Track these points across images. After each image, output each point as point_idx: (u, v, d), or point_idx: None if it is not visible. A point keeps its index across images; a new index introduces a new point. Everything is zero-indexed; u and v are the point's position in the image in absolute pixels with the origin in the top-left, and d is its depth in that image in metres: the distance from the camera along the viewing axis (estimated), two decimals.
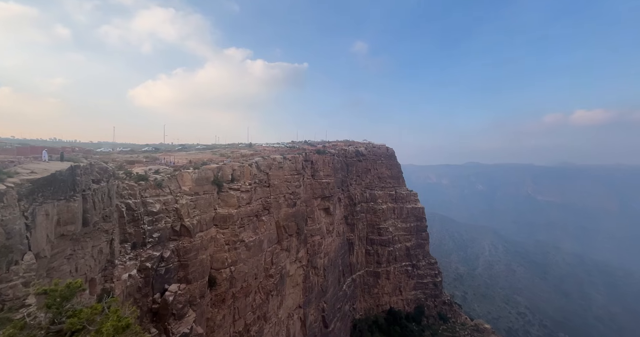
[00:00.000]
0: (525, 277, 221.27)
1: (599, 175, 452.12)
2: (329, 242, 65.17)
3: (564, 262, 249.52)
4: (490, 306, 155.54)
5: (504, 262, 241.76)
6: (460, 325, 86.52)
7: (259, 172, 41.86)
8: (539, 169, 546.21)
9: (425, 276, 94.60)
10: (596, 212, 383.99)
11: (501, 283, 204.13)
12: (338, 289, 70.65)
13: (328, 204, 65.04)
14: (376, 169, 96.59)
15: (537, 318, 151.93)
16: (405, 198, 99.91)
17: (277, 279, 43.09)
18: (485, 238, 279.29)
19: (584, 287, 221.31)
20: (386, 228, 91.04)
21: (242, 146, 70.07)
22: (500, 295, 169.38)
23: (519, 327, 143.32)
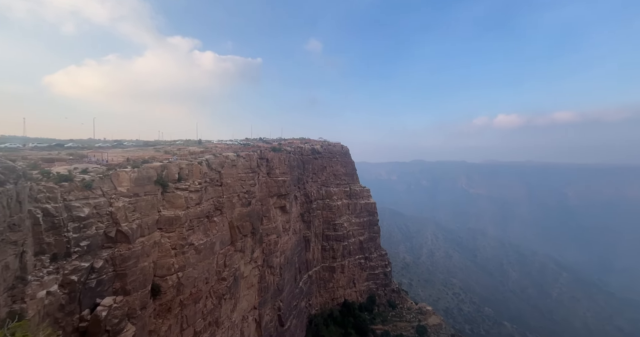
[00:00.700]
0: (459, 261, 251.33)
1: (514, 170, 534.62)
2: (285, 240, 64.84)
3: (489, 246, 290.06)
4: (431, 290, 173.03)
5: (443, 250, 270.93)
6: (406, 310, 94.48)
7: (210, 171, 39.44)
8: (471, 166, 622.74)
9: (377, 267, 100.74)
10: (512, 202, 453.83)
11: (440, 268, 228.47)
12: (294, 287, 70.93)
13: (284, 202, 64.55)
14: (332, 166, 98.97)
15: (468, 296, 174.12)
16: (359, 194, 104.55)
17: (231, 282, 41.39)
18: (428, 229, 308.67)
19: (503, 266, 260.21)
20: (341, 224, 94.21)
21: (192, 143, 65.19)
22: (439, 279, 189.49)
23: (454, 306, 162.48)
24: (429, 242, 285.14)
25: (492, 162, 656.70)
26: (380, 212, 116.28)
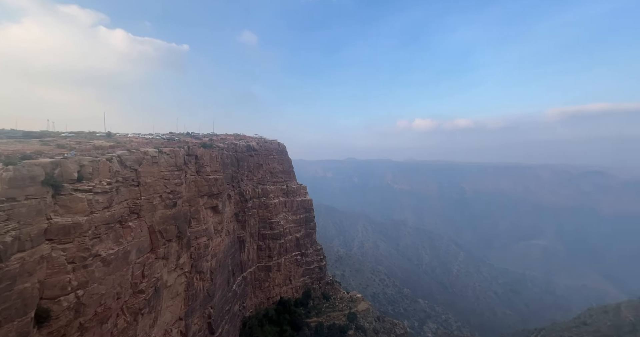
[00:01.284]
0: (385, 250, 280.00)
1: (428, 168, 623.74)
2: (217, 242, 60.78)
3: (409, 234, 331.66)
4: (361, 279, 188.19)
5: (372, 241, 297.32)
6: (339, 299, 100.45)
7: (124, 169, 33.87)
8: (395, 164, 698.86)
9: (313, 262, 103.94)
10: (427, 196, 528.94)
11: (369, 258, 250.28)
12: (227, 290, 67.33)
13: (216, 202, 60.36)
14: (268, 164, 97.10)
15: (392, 280, 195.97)
16: (295, 192, 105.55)
17: (150, 294, 36.62)
18: (359, 222, 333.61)
19: (418, 251, 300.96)
20: (278, 222, 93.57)
21: (97, 136, 54.73)
22: (368, 268, 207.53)
23: (380, 291, 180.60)
24: (360, 235, 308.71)
25: (412, 161, 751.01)
26: (317, 209, 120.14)
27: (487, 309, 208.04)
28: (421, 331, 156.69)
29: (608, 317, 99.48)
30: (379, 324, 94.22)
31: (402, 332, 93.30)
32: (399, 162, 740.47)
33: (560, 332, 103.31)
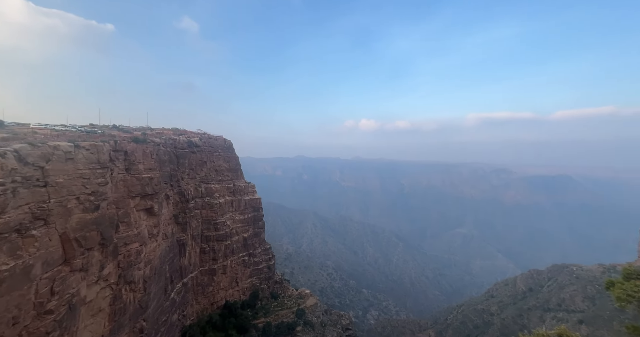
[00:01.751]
0: (333, 245, 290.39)
1: (372, 166, 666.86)
2: (152, 248, 54.95)
3: (355, 229, 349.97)
4: (310, 275, 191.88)
5: (321, 237, 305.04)
6: (288, 297, 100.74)
7: (24, 166, 28.05)
8: (343, 162, 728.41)
9: (261, 262, 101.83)
10: (371, 192, 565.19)
11: (318, 254, 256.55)
12: (164, 300, 61.53)
13: (151, 203, 54.41)
14: (213, 161, 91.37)
15: (339, 274, 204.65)
16: (243, 190, 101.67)
17: (63, 313, 31.30)
18: (309, 219, 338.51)
19: (363, 244, 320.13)
20: (224, 222, 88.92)
21: None
22: (317, 264, 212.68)
23: (328, 285, 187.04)
24: (309, 232, 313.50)
25: (358, 159, 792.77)
26: (265, 207, 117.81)
27: (420, 292, 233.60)
28: (365, 319, 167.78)
29: (508, 288, 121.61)
30: (326, 317, 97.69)
31: (348, 322, 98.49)
32: (347, 160, 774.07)
33: (475, 305, 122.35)
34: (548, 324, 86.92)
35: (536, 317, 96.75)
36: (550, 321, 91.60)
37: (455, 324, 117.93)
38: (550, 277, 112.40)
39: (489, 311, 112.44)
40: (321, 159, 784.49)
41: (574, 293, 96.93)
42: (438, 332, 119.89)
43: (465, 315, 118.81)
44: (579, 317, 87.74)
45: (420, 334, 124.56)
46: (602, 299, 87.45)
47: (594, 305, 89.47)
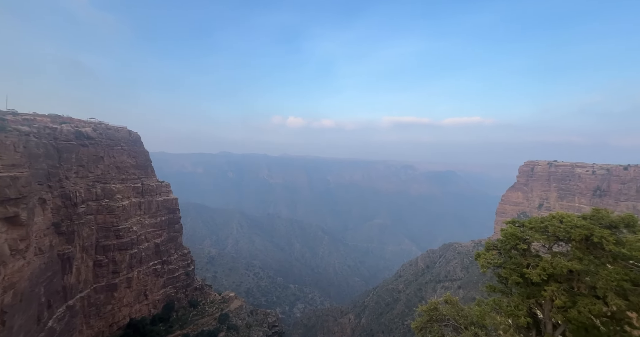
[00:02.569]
0: (260, 244, 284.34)
1: (300, 162, 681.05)
2: (17, 267, 42.51)
3: (282, 226, 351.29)
4: (235, 276, 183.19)
5: (247, 236, 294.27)
6: (209, 303, 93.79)
7: None
8: (271, 159, 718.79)
9: (178, 269, 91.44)
10: (299, 188, 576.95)
11: (244, 254, 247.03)
12: (37, 331, 48.64)
13: (15, 210, 41.88)
14: (113, 157, 76.58)
15: (266, 273, 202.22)
16: (155, 190, 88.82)
17: None
18: (234, 219, 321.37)
19: (291, 240, 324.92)
20: (128, 228, 75.76)
21: None
22: (243, 264, 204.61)
23: (254, 285, 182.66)
24: (234, 232, 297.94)
25: (286, 156, 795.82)
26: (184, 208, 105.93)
27: (343, 281, 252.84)
28: (292, 313, 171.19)
29: (412, 268, 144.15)
30: (252, 317, 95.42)
31: (274, 319, 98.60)
32: (275, 157, 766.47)
33: (387, 285, 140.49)
34: (439, 293, 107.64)
35: (431, 288, 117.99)
36: (440, 290, 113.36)
37: (371, 304, 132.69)
38: (441, 255, 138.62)
39: (397, 289, 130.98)
40: (248, 155, 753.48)
41: (456, 265, 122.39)
42: (357, 314, 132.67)
43: (379, 295, 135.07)
44: (459, 283, 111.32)
45: (342, 318, 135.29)
46: (473, 268, 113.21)
47: (468, 273, 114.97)
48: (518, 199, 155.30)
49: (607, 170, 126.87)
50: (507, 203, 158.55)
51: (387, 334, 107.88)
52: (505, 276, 6.90)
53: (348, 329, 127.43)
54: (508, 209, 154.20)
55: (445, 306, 9.09)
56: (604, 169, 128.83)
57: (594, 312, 5.49)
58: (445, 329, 8.52)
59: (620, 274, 5.50)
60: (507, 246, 7.01)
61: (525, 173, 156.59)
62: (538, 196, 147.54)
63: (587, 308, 5.50)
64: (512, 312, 6.38)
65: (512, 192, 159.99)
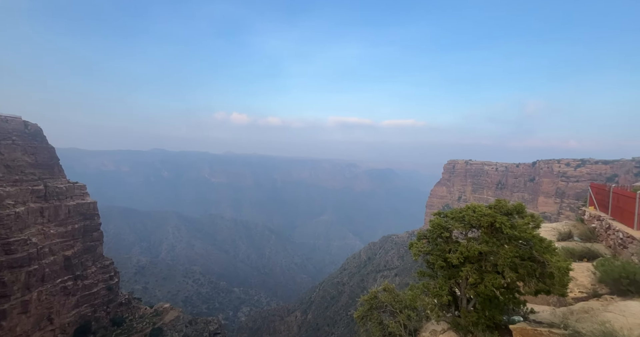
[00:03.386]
0: (201, 248, 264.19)
1: (245, 161, 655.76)
2: None
3: (226, 227, 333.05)
4: (171, 285, 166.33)
5: (186, 240, 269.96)
6: (138, 319, 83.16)
7: None
8: (213, 156, 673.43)
9: (96, 284, 78.42)
10: (244, 187, 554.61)
11: (182, 260, 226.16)
12: None
13: None
14: (1, 153, 61.33)
15: (208, 278, 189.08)
16: (64, 193, 74.28)
17: None
18: (169, 222, 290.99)
19: (235, 242, 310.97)
20: (25, 240, 61.61)
21: None
22: (180, 271, 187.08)
23: (194, 292, 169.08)
24: (170, 237, 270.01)
25: (230, 154, 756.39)
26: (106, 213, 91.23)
27: (290, 279, 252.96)
28: (236, 318, 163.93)
29: (355, 260, 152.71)
30: (191, 328, 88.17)
31: (216, 327, 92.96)
32: (218, 154, 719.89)
33: (332, 280, 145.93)
34: (378, 282, 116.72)
35: (372, 278, 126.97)
36: (380, 279, 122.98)
37: (317, 299, 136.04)
38: (381, 246, 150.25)
39: (342, 282, 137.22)
40: (186, 153, 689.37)
41: (393, 255, 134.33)
42: (303, 311, 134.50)
43: (325, 290, 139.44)
44: (395, 271, 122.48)
45: (289, 317, 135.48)
46: (407, 256, 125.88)
47: (403, 261, 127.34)
48: (443, 193, 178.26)
49: (505, 167, 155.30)
50: (434, 197, 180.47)
51: (332, 326, 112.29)
52: (432, 261, 7.74)
53: (294, 327, 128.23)
54: (435, 202, 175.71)
55: (383, 293, 9.81)
56: (503, 166, 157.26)
57: (495, 285, 6.56)
58: (383, 315, 9.19)
59: (513, 252, 6.66)
60: (434, 235, 7.87)
61: (448, 170, 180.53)
62: (458, 190, 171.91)
63: (491, 282, 6.55)
64: (437, 293, 7.20)
65: (438, 187, 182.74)
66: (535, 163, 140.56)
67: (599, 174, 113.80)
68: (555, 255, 6.66)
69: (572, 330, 5.65)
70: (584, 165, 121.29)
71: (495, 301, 7.17)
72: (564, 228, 16.57)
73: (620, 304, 6.39)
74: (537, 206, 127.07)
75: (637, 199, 11.42)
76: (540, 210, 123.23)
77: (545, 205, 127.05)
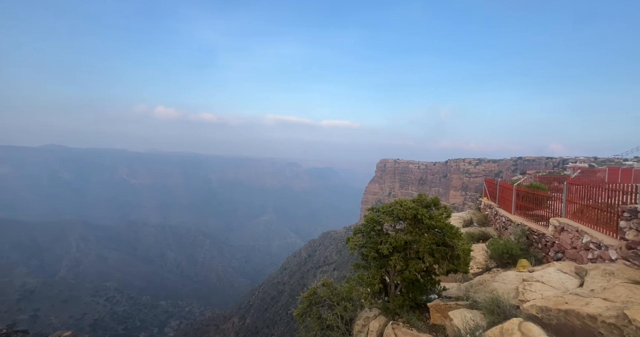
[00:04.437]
0: (117, 260, 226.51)
1: (175, 160, 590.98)
2: None
3: (151, 235, 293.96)
4: (74, 308, 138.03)
5: (95, 253, 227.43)
6: None
7: None
8: (133, 155, 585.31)
9: None
10: (173, 189, 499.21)
11: (90, 277, 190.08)
12: None
13: None
14: None
15: (126, 294, 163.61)
16: None
17: None
18: (72, 234, 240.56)
19: (163, 250, 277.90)
20: None
21: None
22: (88, 290, 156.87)
23: (106, 313, 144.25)
24: (73, 250, 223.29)
25: (155, 152, 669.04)
26: None
27: (227, 285, 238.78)
28: (162, 335, 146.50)
29: (295, 259, 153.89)
30: None
31: None
32: (139, 153, 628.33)
33: (272, 280, 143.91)
34: (318, 278, 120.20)
35: (312, 275, 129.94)
36: (320, 274, 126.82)
37: (256, 302, 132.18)
38: (321, 243, 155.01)
39: (282, 281, 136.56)
40: (95, 150, 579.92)
41: (332, 250, 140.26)
42: (242, 316, 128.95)
43: (265, 291, 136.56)
44: (334, 266, 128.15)
45: (225, 324, 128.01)
46: (345, 251, 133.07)
47: (341, 255, 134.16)
48: (375, 190, 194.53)
49: (425, 166, 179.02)
50: (368, 193, 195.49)
51: (272, 327, 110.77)
52: (366, 253, 8.30)
53: (232, 334, 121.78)
54: (369, 198, 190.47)
55: (322, 288, 10.12)
56: (424, 165, 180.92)
57: (417, 269, 7.47)
58: (322, 309, 9.50)
59: (431, 239, 7.67)
60: (367, 229, 8.44)
61: (380, 168, 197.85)
62: (388, 186, 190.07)
63: (414, 268, 7.43)
64: (370, 282, 7.80)
65: (371, 184, 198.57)
66: (447, 162, 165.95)
67: (491, 171, 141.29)
68: (461, 239, 7.98)
69: (471, 300, 6.87)
70: (481, 164, 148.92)
71: (417, 283, 8.20)
72: (467, 216, 20.01)
73: (502, 275, 8.06)
74: (448, 198, 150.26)
75: (513, 190, 14.59)
76: (451, 202, 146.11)
77: (454, 197, 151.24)
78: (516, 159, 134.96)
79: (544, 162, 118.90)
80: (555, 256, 9.71)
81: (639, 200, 6.68)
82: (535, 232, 11.21)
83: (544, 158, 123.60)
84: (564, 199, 10.60)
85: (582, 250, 8.34)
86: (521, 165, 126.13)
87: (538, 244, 11.00)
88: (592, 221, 8.67)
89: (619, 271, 5.60)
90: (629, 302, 4.18)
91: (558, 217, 10.31)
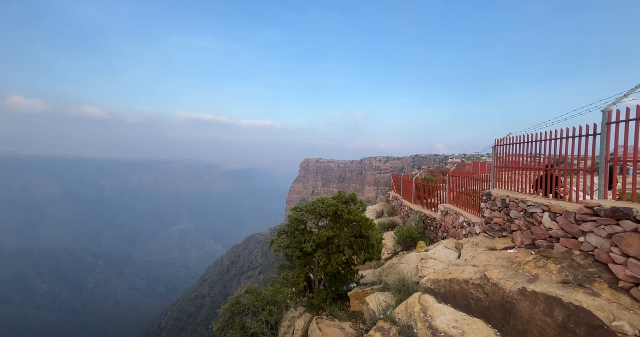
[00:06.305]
0: None
1: (46, 165, 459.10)
2: None
3: (7, 265, 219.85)
4: None
5: None
6: None
7: None
8: None
9: None
10: (42, 202, 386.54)
11: None
12: None
13: None
14: None
15: None
16: None
17: None
18: None
19: (29, 282, 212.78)
20: None
21: None
22: None
23: None
24: None
25: (14, 156, 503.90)
26: None
27: (129, 310, 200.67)
28: None
29: (217, 268, 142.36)
30: None
31: None
32: None
33: (189, 295, 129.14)
34: (242, 284, 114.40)
35: (236, 282, 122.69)
36: (244, 281, 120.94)
37: (169, 323, 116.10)
38: (245, 247, 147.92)
39: (202, 294, 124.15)
40: None
41: (257, 254, 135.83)
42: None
43: (180, 309, 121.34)
44: (259, 269, 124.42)
45: None
46: (270, 252, 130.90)
47: (267, 258, 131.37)
48: (299, 189, 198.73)
49: (344, 164, 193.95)
50: (293, 193, 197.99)
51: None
52: (290, 253, 8.27)
53: None
54: (294, 197, 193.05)
55: (246, 296, 9.62)
56: (343, 163, 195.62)
57: (338, 262, 7.90)
58: (246, 318, 9.01)
59: (350, 233, 8.24)
60: (291, 228, 8.43)
61: (303, 168, 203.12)
62: (311, 185, 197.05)
63: (336, 261, 7.83)
64: (295, 281, 7.82)
65: (295, 183, 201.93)
66: (362, 160, 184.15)
67: (396, 167, 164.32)
68: (374, 230, 8.90)
69: (384, 283, 7.75)
70: (388, 161, 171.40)
71: (338, 275, 8.72)
72: (379, 208, 22.60)
73: (406, 257, 9.41)
74: (364, 193, 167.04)
75: (412, 183, 17.29)
76: (366, 196, 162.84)
77: (369, 192, 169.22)
78: (414, 157, 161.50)
79: (433, 158, 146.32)
80: (442, 235, 11.98)
81: (491, 186, 8.89)
82: (429, 217, 13.58)
83: (433, 155, 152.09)
84: (446, 188, 13.20)
85: (459, 228, 10.56)
86: (418, 161, 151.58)
87: (431, 226, 13.36)
88: (464, 204, 11.07)
89: (481, 242, 7.32)
90: (488, 265, 5.49)
91: (444, 204, 12.74)
